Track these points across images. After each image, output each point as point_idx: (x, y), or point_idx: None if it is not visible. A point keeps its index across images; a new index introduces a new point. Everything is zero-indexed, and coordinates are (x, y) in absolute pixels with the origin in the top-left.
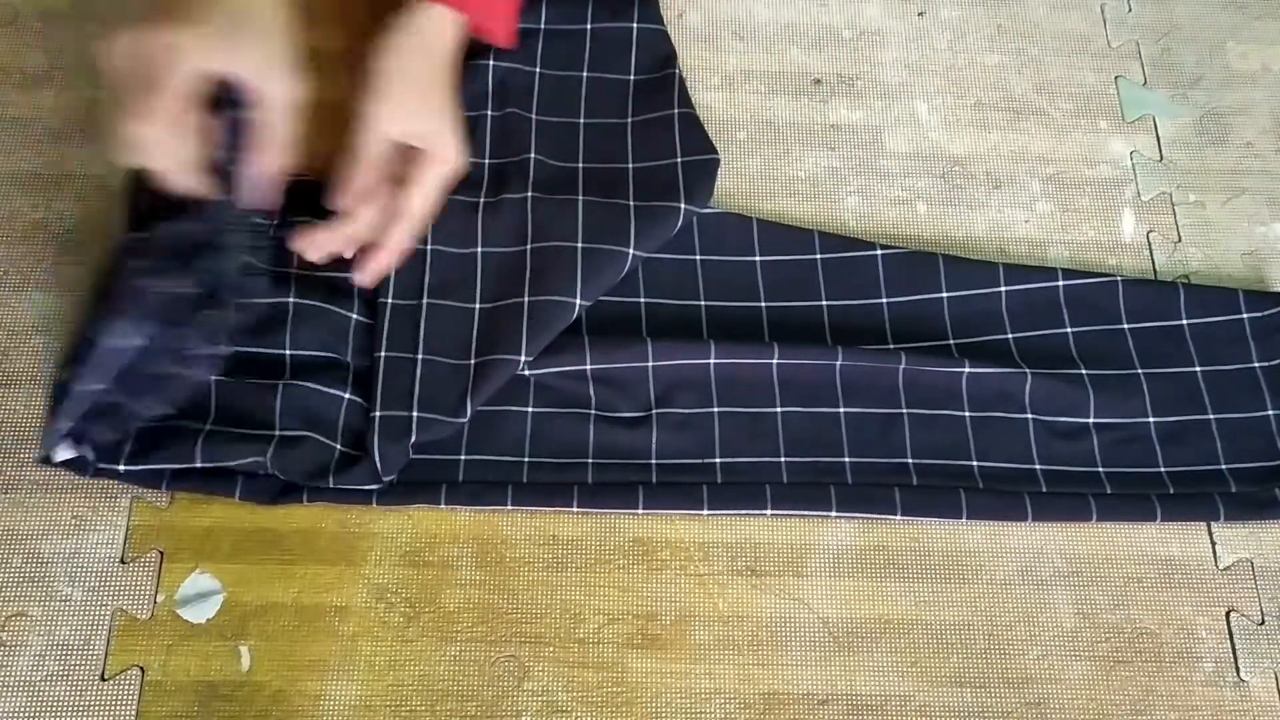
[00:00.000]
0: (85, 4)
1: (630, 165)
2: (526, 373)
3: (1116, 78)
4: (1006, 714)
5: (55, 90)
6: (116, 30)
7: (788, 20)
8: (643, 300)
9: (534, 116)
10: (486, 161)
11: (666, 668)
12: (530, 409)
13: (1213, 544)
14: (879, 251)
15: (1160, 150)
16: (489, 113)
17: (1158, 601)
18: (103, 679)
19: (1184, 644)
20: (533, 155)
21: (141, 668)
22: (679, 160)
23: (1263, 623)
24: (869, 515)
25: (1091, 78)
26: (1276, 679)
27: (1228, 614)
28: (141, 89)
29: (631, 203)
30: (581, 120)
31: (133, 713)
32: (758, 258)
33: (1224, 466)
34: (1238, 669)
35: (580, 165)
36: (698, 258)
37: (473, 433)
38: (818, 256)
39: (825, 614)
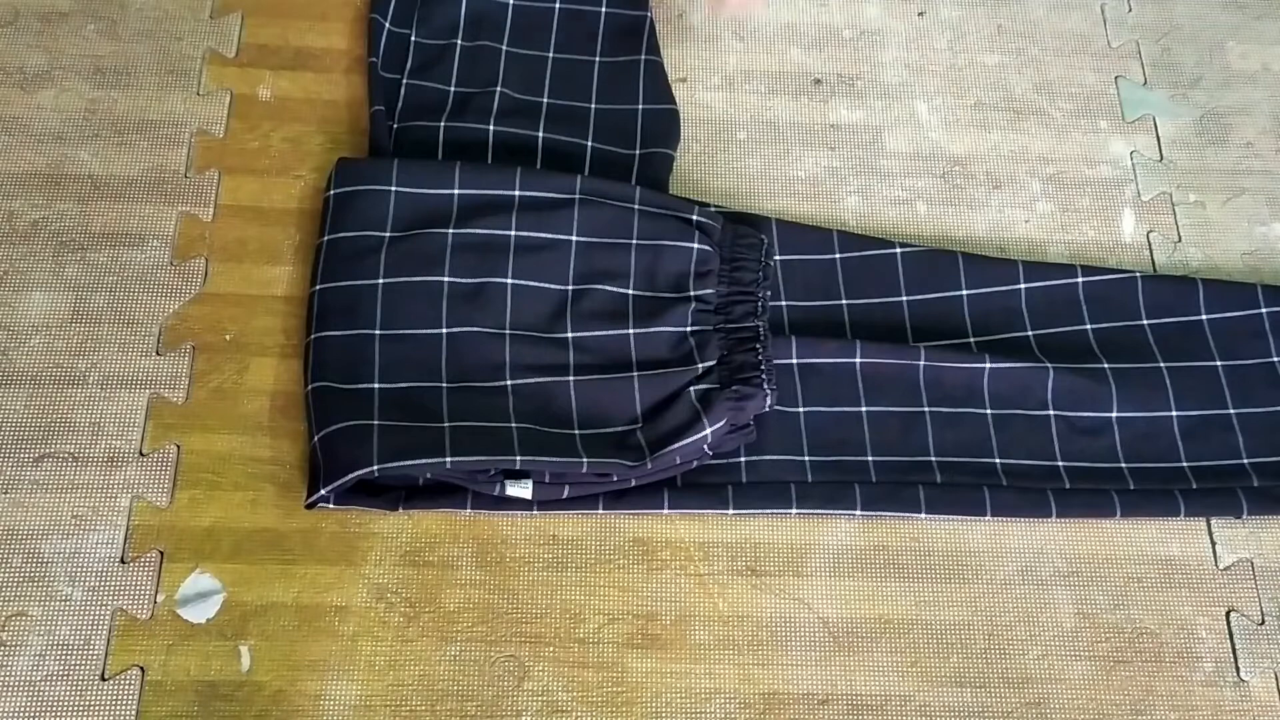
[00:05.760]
0: (85, 4)
1: (593, 105)
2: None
3: (1116, 78)
4: (1006, 714)
5: (55, 90)
6: None
7: (788, 20)
8: None
9: (504, 48)
10: (452, 90)
11: (666, 668)
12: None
13: (1213, 544)
14: (898, 250)
15: (1160, 150)
16: (459, 42)
17: (1158, 601)
18: (103, 679)
19: (1184, 644)
20: (499, 89)
21: (141, 668)
22: (640, 108)
23: (1263, 623)
24: (894, 514)
25: (1091, 78)
26: (1276, 679)
27: (1228, 614)
28: None
29: (590, 144)
30: (551, 55)
31: (133, 713)
32: (777, 257)
33: (1245, 461)
34: (1238, 669)
35: (545, 100)
36: None
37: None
38: (837, 256)
39: (825, 614)
